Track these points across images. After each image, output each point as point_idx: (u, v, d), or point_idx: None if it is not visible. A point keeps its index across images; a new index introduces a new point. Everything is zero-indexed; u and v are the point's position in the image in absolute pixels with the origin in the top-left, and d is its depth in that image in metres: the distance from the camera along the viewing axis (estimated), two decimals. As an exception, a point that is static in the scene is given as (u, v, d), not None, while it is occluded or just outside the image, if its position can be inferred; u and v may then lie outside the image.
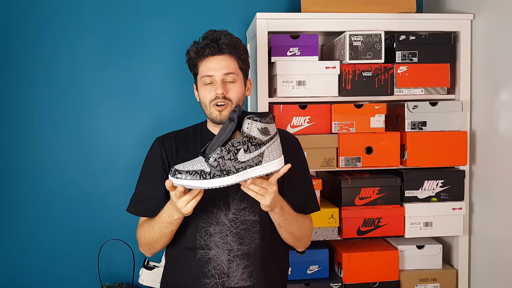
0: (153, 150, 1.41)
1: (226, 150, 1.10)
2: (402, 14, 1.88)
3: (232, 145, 1.10)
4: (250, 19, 2.07)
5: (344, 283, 1.86)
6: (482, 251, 1.89)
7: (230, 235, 1.30)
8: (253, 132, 1.10)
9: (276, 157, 1.13)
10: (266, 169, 1.13)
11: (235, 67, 1.34)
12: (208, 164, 1.10)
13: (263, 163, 1.12)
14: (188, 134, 1.42)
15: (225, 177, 1.10)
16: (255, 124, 1.10)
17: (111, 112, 2.11)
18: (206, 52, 1.32)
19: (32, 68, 2.05)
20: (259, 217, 1.32)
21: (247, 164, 1.11)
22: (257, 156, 1.11)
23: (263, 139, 1.11)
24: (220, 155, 1.10)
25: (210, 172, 1.10)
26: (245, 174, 1.11)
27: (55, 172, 2.08)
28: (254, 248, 1.31)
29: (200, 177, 1.10)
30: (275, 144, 1.13)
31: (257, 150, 1.11)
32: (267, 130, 1.11)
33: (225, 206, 1.31)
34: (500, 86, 1.77)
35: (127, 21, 2.09)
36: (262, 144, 1.11)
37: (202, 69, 1.34)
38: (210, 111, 1.34)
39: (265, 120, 1.11)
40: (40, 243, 2.08)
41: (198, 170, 1.10)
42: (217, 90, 1.31)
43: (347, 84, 1.87)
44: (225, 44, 1.32)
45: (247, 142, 1.10)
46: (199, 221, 1.31)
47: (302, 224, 1.38)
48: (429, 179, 1.89)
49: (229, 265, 1.30)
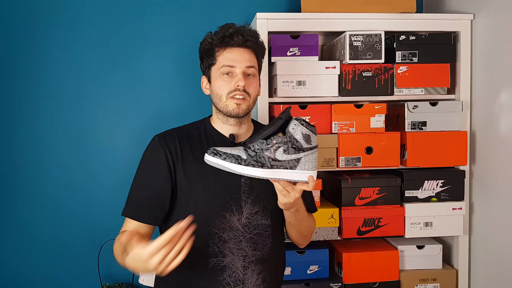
0: (154, 149, 1.30)
1: (267, 143, 1.10)
2: (402, 14, 1.88)
3: (273, 141, 1.10)
4: (250, 19, 2.07)
5: (344, 283, 1.86)
6: (482, 251, 1.89)
7: (244, 240, 1.26)
8: (297, 134, 1.10)
9: (310, 168, 1.12)
10: (297, 176, 1.12)
11: (256, 63, 1.31)
12: (246, 153, 1.11)
13: (297, 169, 1.11)
14: (190, 132, 1.34)
15: (258, 168, 1.10)
16: (301, 128, 1.10)
17: (111, 111, 2.11)
18: (232, 41, 1.27)
19: (33, 68, 2.05)
20: (271, 221, 1.30)
21: (282, 164, 1.11)
22: (293, 160, 1.11)
23: (303, 145, 1.11)
24: (260, 147, 1.10)
25: (246, 159, 1.10)
26: (277, 173, 1.11)
27: (55, 172, 2.07)
28: (267, 253, 1.29)
29: (235, 161, 1.10)
30: (313, 156, 1.12)
31: (295, 154, 1.10)
32: (310, 138, 1.11)
33: (238, 211, 1.27)
34: (500, 86, 1.77)
35: (128, 21, 2.09)
36: (301, 150, 1.11)
37: (222, 59, 1.27)
38: (225, 104, 1.26)
39: (311, 128, 1.11)
40: (40, 243, 2.08)
41: (235, 155, 1.11)
42: (238, 82, 1.24)
43: (347, 84, 1.87)
44: (250, 37, 1.28)
45: (288, 143, 1.10)
46: (212, 226, 1.25)
47: (309, 224, 1.38)
48: (429, 179, 1.89)
49: (245, 272, 1.26)
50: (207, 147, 1.28)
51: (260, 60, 1.34)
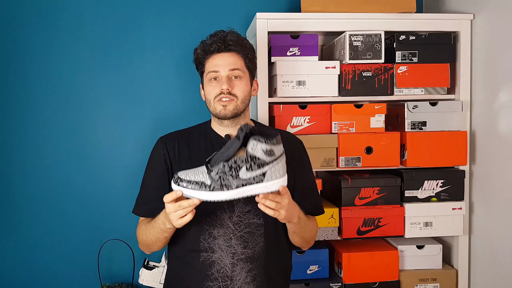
0: (156, 151, 1.40)
1: (229, 166, 1.10)
2: (402, 14, 1.88)
3: (235, 162, 1.10)
4: (250, 19, 2.08)
5: (344, 283, 1.86)
6: (482, 251, 1.89)
7: (234, 238, 1.29)
8: (257, 153, 1.09)
9: (278, 176, 1.12)
10: (266, 188, 1.12)
11: (241, 65, 1.35)
12: (210, 177, 1.11)
13: (264, 181, 1.11)
14: (191, 133, 1.42)
15: (224, 191, 1.11)
16: (260, 145, 1.09)
17: (111, 112, 2.11)
18: (212, 48, 1.33)
19: (33, 70, 2.05)
20: (264, 220, 1.31)
21: (248, 182, 1.11)
22: (259, 176, 1.11)
23: (266, 160, 1.10)
24: (222, 170, 1.10)
25: (210, 185, 1.11)
26: (244, 191, 1.11)
27: (55, 172, 2.07)
28: (258, 252, 1.31)
29: (200, 188, 1.11)
30: (279, 165, 1.12)
31: (259, 169, 1.10)
32: (272, 151, 1.10)
33: (230, 209, 1.30)
34: (500, 86, 1.77)
35: (127, 22, 2.09)
36: (265, 164, 1.10)
37: (208, 66, 1.35)
38: (214, 107, 1.33)
39: (272, 142, 1.10)
40: (40, 243, 2.08)
41: (199, 181, 1.11)
42: (222, 86, 1.31)
43: (347, 84, 1.87)
44: (231, 41, 1.32)
45: (250, 161, 1.10)
46: (203, 223, 1.30)
47: (312, 228, 1.40)
48: (429, 179, 1.89)
49: (233, 269, 1.29)
50: (204, 147, 1.37)
51: (248, 62, 1.37)
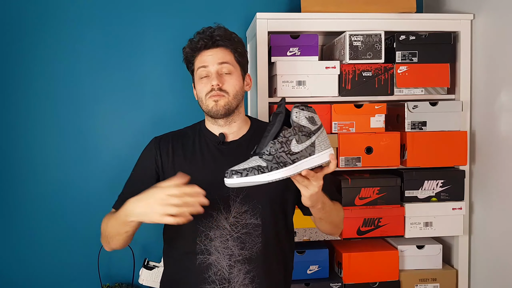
0: (148, 150, 1.38)
1: (279, 142, 1.09)
2: (402, 14, 1.88)
3: (284, 136, 1.09)
4: (250, 19, 2.08)
5: (344, 283, 1.86)
6: (482, 251, 1.89)
7: (231, 239, 1.27)
8: (302, 121, 1.09)
9: (326, 147, 1.12)
10: (319, 159, 1.10)
11: (231, 59, 1.32)
12: (264, 160, 1.09)
13: (315, 153, 1.10)
14: (186, 133, 1.40)
15: (283, 168, 1.09)
16: (303, 113, 1.10)
17: (110, 111, 2.11)
18: (199, 45, 1.30)
19: (31, 68, 2.05)
20: (261, 220, 1.29)
21: (301, 155, 1.09)
22: (309, 146, 1.10)
23: (312, 128, 1.10)
24: (273, 147, 1.09)
25: (267, 166, 1.08)
26: (301, 165, 1.09)
27: (54, 172, 2.08)
28: (256, 253, 1.28)
29: (258, 172, 1.08)
30: (323, 134, 1.12)
31: (308, 140, 1.10)
32: (314, 119, 1.11)
33: (226, 210, 1.28)
34: (500, 86, 1.77)
35: (126, 21, 2.10)
36: (312, 134, 1.10)
37: (197, 63, 1.33)
38: (206, 104, 1.31)
39: (311, 109, 1.11)
40: (40, 243, 2.08)
41: (255, 166, 1.09)
42: (212, 81, 1.28)
43: (347, 84, 1.87)
44: (219, 36, 1.30)
45: (297, 132, 1.09)
46: (199, 225, 1.27)
47: (339, 212, 1.36)
48: (429, 179, 1.89)
49: (230, 271, 1.27)
50: (199, 146, 1.34)
51: (238, 56, 1.34)
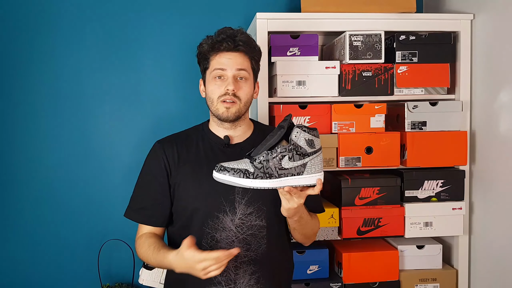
0: (154, 156, 1.36)
1: (272, 154, 1.12)
2: (402, 14, 1.88)
3: (278, 151, 1.12)
4: (250, 19, 2.07)
5: (344, 283, 1.86)
6: (482, 251, 1.89)
7: (237, 241, 1.28)
8: (300, 141, 1.12)
9: (317, 171, 1.15)
10: (305, 180, 1.14)
11: (248, 66, 1.32)
12: (253, 165, 1.13)
13: (304, 174, 1.14)
14: (189, 136, 1.39)
15: (267, 179, 1.13)
16: (303, 134, 1.12)
17: (112, 112, 2.11)
18: (222, 47, 1.29)
19: (35, 70, 2.05)
20: (266, 222, 1.30)
21: (289, 172, 1.13)
22: (299, 166, 1.13)
23: (308, 151, 1.13)
24: (265, 158, 1.12)
25: (253, 173, 1.12)
26: (285, 181, 1.13)
27: (55, 173, 2.08)
28: (261, 254, 1.30)
29: (243, 175, 1.12)
30: (318, 159, 1.15)
31: (301, 160, 1.13)
32: (313, 142, 1.13)
33: (231, 211, 1.28)
34: (500, 86, 1.77)
35: (128, 22, 2.10)
36: (306, 156, 1.13)
37: (214, 63, 1.30)
38: (216, 107, 1.30)
39: (313, 133, 1.14)
40: (41, 242, 2.08)
41: (242, 169, 1.13)
42: (228, 86, 1.28)
43: (347, 84, 1.87)
44: (242, 41, 1.29)
45: (292, 150, 1.12)
46: (205, 227, 1.29)
47: (314, 226, 1.38)
48: (429, 179, 1.89)
49: (236, 272, 1.28)
50: (203, 149, 1.34)
51: (254, 64, 1.35)
